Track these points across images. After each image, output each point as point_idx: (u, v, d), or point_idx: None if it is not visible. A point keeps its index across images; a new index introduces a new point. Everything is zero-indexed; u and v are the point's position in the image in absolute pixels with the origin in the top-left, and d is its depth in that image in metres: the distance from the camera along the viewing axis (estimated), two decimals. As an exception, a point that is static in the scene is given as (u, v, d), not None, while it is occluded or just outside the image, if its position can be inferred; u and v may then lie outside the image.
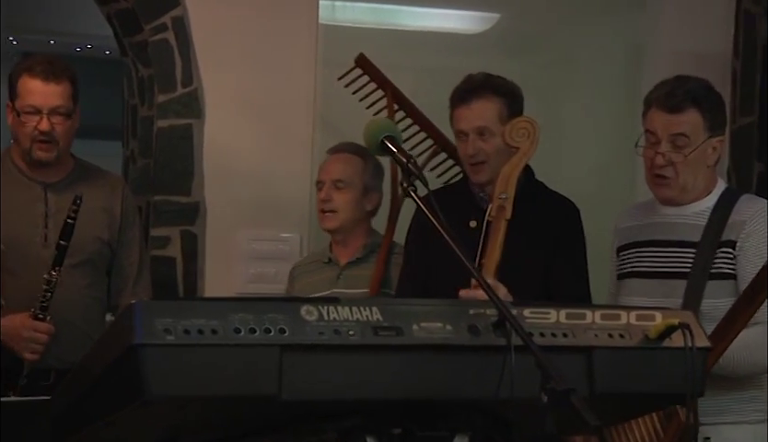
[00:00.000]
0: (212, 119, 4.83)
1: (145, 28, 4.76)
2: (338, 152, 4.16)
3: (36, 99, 3.75)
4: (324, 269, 4.16)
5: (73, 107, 3.82)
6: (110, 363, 2.09)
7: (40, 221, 3.81)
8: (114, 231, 3.94)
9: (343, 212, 4.08)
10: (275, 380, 2.06)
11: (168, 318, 2.01)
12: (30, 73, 3.77)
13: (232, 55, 4.82)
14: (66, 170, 3.91)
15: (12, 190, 3.83)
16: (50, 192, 3.85)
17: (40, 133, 3.75)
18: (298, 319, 2.09)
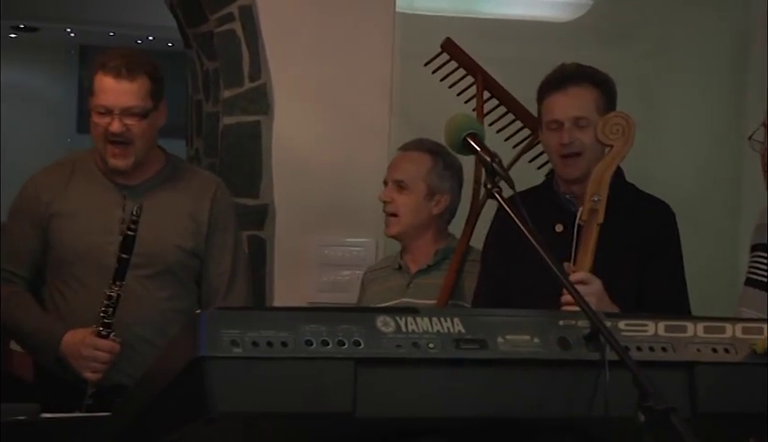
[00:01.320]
0: (281, 115, 4.85)
1: (211, 18, 4.79)
2: (407, 150, 4.15)
3: (107, 99, 3.71)
4: (395, 276, 4.16)
5: (152, 105, 3.75)
6: (174, 377, 2.11)
7: (115, 228, 3.76)
8: (200, 239, 3.86)
9: (404, 216, 4.06)
10: (349, 396, 2.06)
11: (235, 329, 2.02)
12: (104, 69, 3.74)
13: (303, 47, 4.83)
14: (150, 172, 3.87)
15: (92, 194, 3.83)
16: (129, 197, 3.81)
17: (111, 135, 3.71)
18: (374, 330, 2.09)
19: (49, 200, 3.81)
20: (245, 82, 4.81)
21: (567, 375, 2.19)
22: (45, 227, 3.81)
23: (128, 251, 3.59)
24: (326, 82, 4.86)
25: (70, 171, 3.88)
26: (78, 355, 3.64)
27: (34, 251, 3.82)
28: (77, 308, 3.75)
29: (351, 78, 4.85)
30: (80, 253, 3.76)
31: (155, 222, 3.73)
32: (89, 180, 3.85)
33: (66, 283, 3.80)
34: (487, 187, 2.47)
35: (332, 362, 2.05)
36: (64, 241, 3.78)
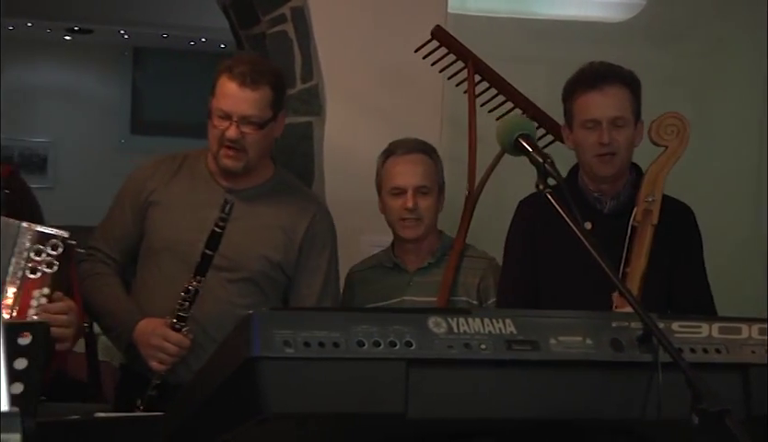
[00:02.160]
0: (333, 116, 4.85)
1: (263, 19, 4.80)
2: (410, 152, 4.13)
3: (227, 104, 3.72)
4: (390, 274, 4.16)
5: (271, 116, 3.77)
6: (227, 377, 2.11)
7: (209, 227, 3.73)
8: (291, 255, 3.87)
9: (427, 218, 4.08)
10: (401, 397, 2.06)
11: (287, 329, 2.02)
12: (230, 73, 3.74)
13: (355, 48, 4.84)
14: (257, 181, 3.90)
15: (194, 191, 3.87)
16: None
17: (227, 140, 3.73)
18: (426, 331, 2.09)
19: (153, 188, 3.87)
20: (297, 83, 4.82)
21: (620, 377, 2.18)
22: (143, 215, 3.86)
23: (213, 248, 3.62)
24: (377, 83, 4.86)
25: (179, 165, 3.92)
26: (148, 344, 3.67)
27: (129, 236, 3.88)
28: (157, 299, 3.78)
29: (402, 80, 4.85)
30: (169, 245, 3.80)
31: (248, 229, 3.76)
32: (195, 176, 3.89)
33: (151, 272, 3.84)
34: (539, 188, 2.46)
35: (384, 363, 2.05)
36: (156, 230, 3.83)
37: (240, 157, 3.77)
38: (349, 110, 4.87)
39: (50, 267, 3.26)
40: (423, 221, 4.06)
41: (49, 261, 3.26)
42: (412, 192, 4.03)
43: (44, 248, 3.25)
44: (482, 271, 4.11)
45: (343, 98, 4.86)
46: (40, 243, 3.25)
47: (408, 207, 4.03)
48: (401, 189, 4.05)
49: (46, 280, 3.26)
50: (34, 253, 3.25)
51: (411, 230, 4.06)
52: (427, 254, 4.13)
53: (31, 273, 3.25)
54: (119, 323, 3.75)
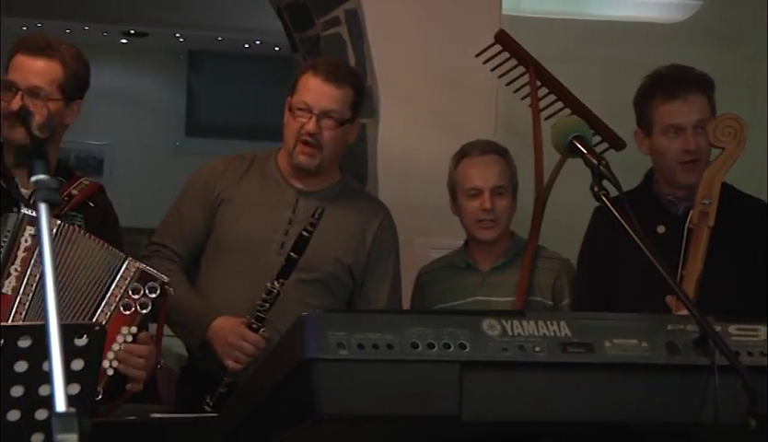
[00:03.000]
0: (387, 118, 4.86)
1: (317, 21, 4.82)
2: (485, 153, 4.12)
3: (309, 97, 3.75)
4: (462, 275, 4.15)
5: (349, 117, 3.81)
6: (281, 379, 2.12)
7: (282, 227, 3.80)
8: (360, 259, 3.89)
9: (503, 219, 4.07)
10: (455, 399, 2.06)
11: (341, 331, 2.03)
12: (315, 70, 3.79)
13: (408, 50, 4.84)
14: (327, 183, 3.91)
15: (266, 191, 3.88)
16: (301, 200, 3.85)
17: (305, 134, 3.76)
18: (480, 333, 2.09)
19: (224, 186, 3.88)
20: (351, 85, 4.83)
21: (676, 380, 2.17)
22: (213, 213, 3.86)
23: (299, 251, 3.63)
24: (431, 85, 4.85)
25: (248, 165, 3.93)
26: (224, 342, 3.67)
27: (198, 234, 3.87)
28: (226, 299, 3.78)
29: (455, 82, 4.84)
30: (241, 245, 3.81)
31: (320, 231, 3.75)
32: (266, 177, 3.90)
33: (220, 270, 3.84)
34: (594, 190, 2.45)
35: (438, 365, 2.05)
36: (227, 230, 3.84)
37: (316, 154, 3.78)
38: (403, 111, 4.86)
39: (143, 308, 3.27)
40: (499, 222, 4.05)
41: (144, 301, 3.27)
42: (488, 193, 4.03)
43: (143, 287, 3.27)
44: (557, 271, 4.10)
45: (397, 100, 4.86)
46: (140, 282, 3.27)
47: (485, 208, 4.03)
48: (478, 190, 4.04)
49: (136, 319, 3.27)
50: (132, 291, 3.27)
51: (488, 232, 4.05)
52: (500, 254, 4.13)
53: (124, 308, 3.26)
54: (192, 320, 3.76)
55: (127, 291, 3.26)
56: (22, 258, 3.19)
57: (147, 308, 3.27)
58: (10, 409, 2.45)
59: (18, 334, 2.45)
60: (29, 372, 2.44)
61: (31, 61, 3.38)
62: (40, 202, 2.00)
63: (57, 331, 1.84)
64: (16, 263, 3.19)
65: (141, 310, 3.27)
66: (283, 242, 3.78)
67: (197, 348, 3.78)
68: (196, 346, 3.78)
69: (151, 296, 3.27)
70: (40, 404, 2.45)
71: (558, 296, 4.08)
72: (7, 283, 3.18)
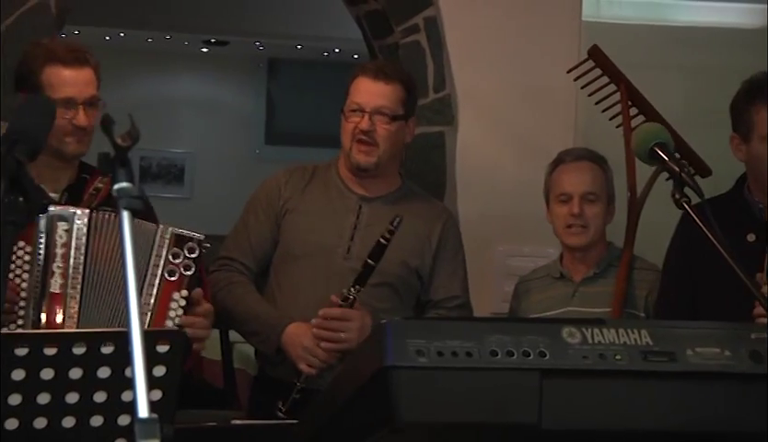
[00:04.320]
0: (465, 126, 4.85)
1: (396, 29, 4.82)
2: (580, 160, 4.11)
3: (361, 97, 3.81)
4: (556, 285, 4.12)
5: (402, 113, 3.85)
6: (360, 386, 2.13)
7: (347, 233, 3.84)
8: (426, 260, 3.91)
9: (593, 226, 4.03)
10: (535, 408, 2.05)
11: (420, 338, 2.03)
12: (364, 72, 3.85)
13: (487, 58, 4.83)
14: (388, 188, 3.95)
15: (329, 198, 3.91)
16: (364, 205, 3.89)
17: (360, 132, 3.79)
18: (560, 341, 2.08)
19: (288, 196, 3.92)
20: (429, 93, 4.83)
21: (759, 389, 2.14)
22: (278, 223, 3.90)
23: (376, 258, 3.65)
24: (510, 93, 4.84)
25: (310, 175, 3.98)
26: (299, 347, 3.70)
27: (265, 246, 3.91)
28: (297, 306, 3.81)
29: (535, 90, 4.82)
30: (308, 252, 3.84)
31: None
32: (328, 185, 3.94)
33: (290, 278, 3.87)
34: (675, 197, 2.43)
35: (518, 373, 2.05)
36: (293, 239, 3.87)
37: (372, 151, 3.81)
38: (481, 120, 4.86)
39: (187, 270, 3.31)
40: (589, 229, 4.02)
41: (186, 263, 3.31)
42: (578, 199, 4.01)
43: (181, 250, 3.30)
44: (650, 283, 4.04)
45: (475, 108, 4.85)
46: (178, 246, 3.30)
47: (574, 213, 4.01)
48: (568, 195, 4.03)
49: (183, 282, 3.31)
50: (172, 256, 3.31)
51: (576, 237, 4.03)
52: (593, 264, 4.09)
53: (169, 275, 3.30)
54: (267, 327, 3.79)
55: (168, 258, 3.30)
56: (61, 254, 3.23)
57: (191, 269, 3.30)
58: (94, 414, 2.48)
59: (102, 341, 2.48)
60: (112, 378, 2.47)
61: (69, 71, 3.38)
62: (123, 209, 2.02)
63: (140, 337, 1.86)
64: (57, 261, 3.23)
65: (185, 273, 3.30)
66: (348, 247, 3.82)
67: (272, 355, 3.80)
68: (271, 353, 3.80)
69: (192, 257, 3.30)
70: (122, 410, 2.48)
71: (650, 308, 4.02)
72: (53, 282, 3.22)
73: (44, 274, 3.21)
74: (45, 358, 2.43)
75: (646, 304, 4.03)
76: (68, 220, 3.23)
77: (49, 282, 3.21)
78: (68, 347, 2.45)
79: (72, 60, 3.37)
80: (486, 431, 2.12)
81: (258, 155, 11.20)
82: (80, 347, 2.46)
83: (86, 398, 2.47)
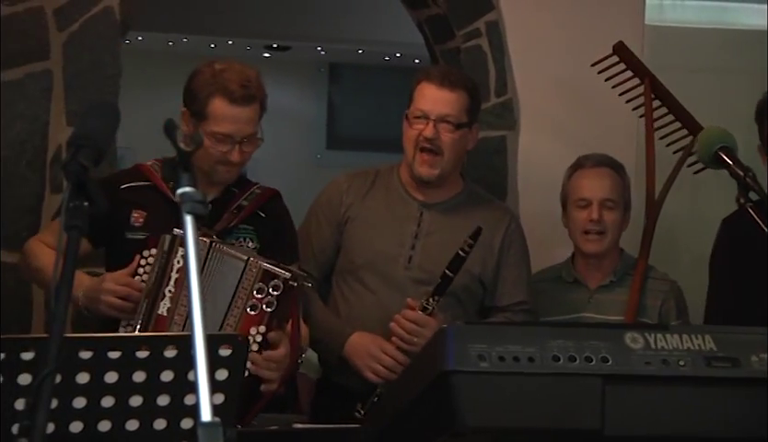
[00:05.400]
0: (527, 131, 4.84)
1: (458, 34, 4.82)
2: (597, 166, 4.09)
3: (425, 104, 3.78)
4: (570, 290, 4.12)
5: (466, 121, 3.82)
6: (421, 391, 2.13)
7: (407, 241, 3.83)
8: (489, 267, 3.89)
9: (610, 233, 4.03)
10: (597, 413, 2.05)
11: (482, 343, 2.03)
12: (428, 78, 3.82)
13: (549, 62, 4.81)
14: (450, 193, 3.93)
15: (390, 205, 3.90)
16: (426, 213, 3.87)
17: (423, 140, 3.77)
18: (622, 347, 2.07)
19: (349, 203, 3.91)
20: (491, 97, 4.82)
21: (825, 396, 2.12)
22: (341, 230, 3.90)
23: (455, 270, 3.64)
24: (572, 97, 4.82)
25: (372, 181, 3.96)
26: (364, 355, 3.70)
27: (327, 253, 3.91)
28: (360, 313, 3.82)
29: (597, 94, 4.79)
30: (370, 260, 3.84)
31: (447, 243, 3.77)
32: (390, 191, 3.93)
33: (351, 287, 3.88)
34: (740, 202, 2.41)
35: (580, 378, 2.05)
36: (356, 246, 3.87)
37: (436, 162, 3.79)
38: (542, 124, 4.84)
39: (269, 306, 3.30)
40: (606, 235, 4.02)
41: (269, 300, 3.30)
42: (597, 205, 4.01)
43: (266, 286, 3.30)
44: (664, 294, 4.07)
45: (537, 113, 4.83)
46: (263, 281, 3.30)
47: (593, 219, 4.00)
48: (587, 201, 4.03)
49: (263, 318, 3.30)
50: (256, 291, 3.30)
51: (593, 244, 4.02)
52: (609, 272, 4.10)
53: (251, 309, 3.30)
54: (330, 337, 3.79)
55: (252, 292, 3.29)
56: (175, 279, 3.26)
57: (273, 306, 3.29)
58: (157, 418, 2.50)
59: (164, 344, 2.50)
60: (175, 381, 2.49)
61: (235, 110, 3.44)
62: (186, 214, 2.03)
63: (203, 341, 1.87)
64: (170, 285, 3.26)
65: (266, 309, 3.29)
66: (410, 256, 3.81)
67: (335, 363, 3.81)
68: (334, 361, 3.80)
69: (275, 294, 3.29)
70: (185, 413, 2.50)
71: (665, 318, 4.04)
72: (162, 304, 3.26)
73: (155, 295, 3.26)
74: (109, 361, 2.45)
75: (660, 314, 4.04)
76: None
77: (158, 303, 3.26)
78: (132, 351, 2.47)
79: (240, 98, 3.41)
80: (548, 436, 2.11)
81: (319, 159, 11.22)
82: (143, 351, 2.48)
83: (149, 401, 2.48)
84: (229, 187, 3.55)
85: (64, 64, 4.28)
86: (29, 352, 2.42)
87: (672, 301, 4.06)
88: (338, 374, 3.82)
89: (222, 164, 3.43)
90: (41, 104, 4.26)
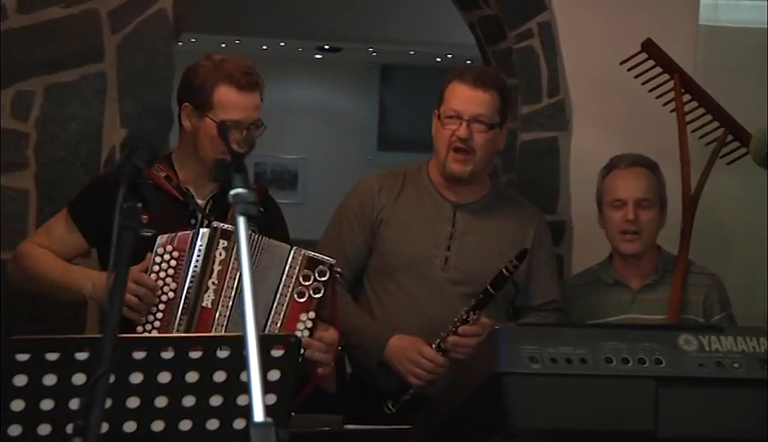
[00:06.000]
0: (579, 132, 4.82)
1: (510, 35, 4.81)
2: (634, 165, 4.07)
3: (459, 104, 3.80)
4: (611, 291, 4.09)
5: (498, 120, 3.82)
6: (473, 392, 2.13)
7: (443, 242, 3.83)
8: (522, 268, 3.84)
9: (647, 233, 4.01)
10: (651, 416, 2.03)
11: (534, 345, 2.02)
12: (460, 78, 3.84)
13: (602, 63, 4.78)
14: (481, 193, 3.93)
15: (422, 207, 3.90)
16: (459, 213, 3.88)
17: (456, 140, 3.79)
18: (676, 348, 2.06)
19: (381, 206, 3.91)
20: (543, 98, 4.81)
21: None
22: (373, 233, 3.90)
23: (498, 288, 3.67)
24: (624, 98, 4.78)
25: (402, 181, 3.97)
26: (404, 359, 3.71)
27: (359, 255, 3.90)
28: (396, 315, 3.82)
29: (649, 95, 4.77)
30: (406, 263, 3.84)
31: (480, 244, 3.80)
32: (421, 192, 3.93)
33: (387, 289, 3.87)
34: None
35: (633, 380, 2.03)
36: (391, 249, 3.87)
37: (468, 160, 3.80)
38: (595, 125, 4.81)
39: (316, 292, 3.34)
40: (642, 235, 4.00)
41: (316, 286, 3.34)
42: (632, 205, 3.99)
43: (312, 273, 3.34)
44: (707, 288, 4.06)
45: (589, 114, 4.81)
46: (309, 268, 3.34)
47: (628, 219, 3.99)
48: (623, 201, 4.01)
49: (312, 304, 3.35)
50: (303, 278, 3.34)
51: (630, 244, 4.01)
52: (650, 271, 4.08)
53: (299, 296, 3.34)
54: (369, 341, 3.79)
55: (298, 279, 3.34)
56: (218, 271, 3.29)
57: (320, 292, 3.34)
58: (209, 418, 2.51)
59: (217, 345, 2.51)
60: (228, 382, 2.50)
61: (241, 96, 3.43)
62: (239, 215, 2.04)
63: (256, 341, 1.88)
64: (213, 277, 3.29)
65: (314, 295, 3.34)
66: (446, 258, 3.81)
67: (373, 368, 3.81)
68: (373, 366, 3.80)
69: (322, 280, 3.34)
70: (238, 414, 2.51)
71: (709, 312, 4.03)
72: (206, 297, 3.29)
73: (198, 288, 3.28)
74: (162, 362, 2.47)
75: (704, 308, 4.03)
76: (230, 239, 3.29)
77: (202, 296, 3.29)
78: (185, 351, 2.48)
79: (246, 84, 3.42)
80: (600, 438, 2.10)
81: (370, 161, 11.24)
82: (196, 351, 2.49)
83: (202, 401, 2.50)
84: (223, 185, 3.55)
85: (118, 66, 4.31)
86: (84, 352, 2.44)
87: (716, 295, 4.05)
88: (373, 375, 3.82)
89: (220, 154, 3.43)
90: (96, 106, 4.30)
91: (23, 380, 2.43)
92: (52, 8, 4.27)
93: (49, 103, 4.28)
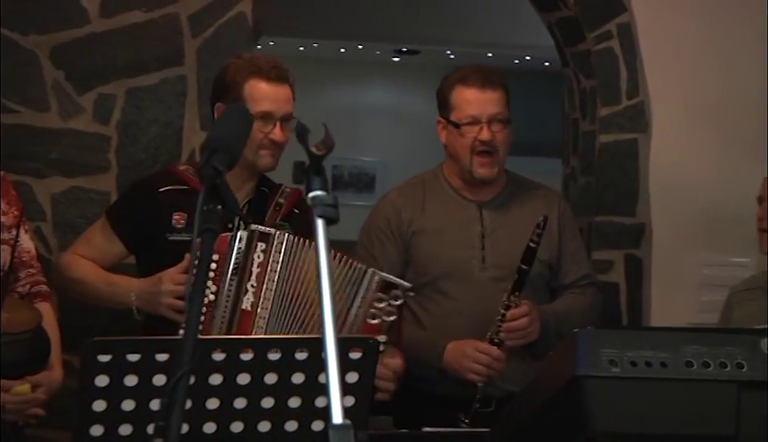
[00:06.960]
0: (659, 133, 4.78)
1: (589, 36, 4.79)
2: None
3: (474, 109, 3.80)
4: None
5: (509, 114, 3.86)
6: (552, 395, 2.12)
7: (476, 242, 3.85)
8: (552, 248, 3.90)
9: None
10: (732, 420, 2.01)
11: (613, 348, 2.01)
12: (464, 82, 3.85)
13: (681, 63, 4.75)
14: (500, 186, 3.95)
15: (448, 210, 3.91)
16: (485, 211, 3.89)
17: (480, 144, 3.79)
18: (758, 353, 2.04)
19: (410, 218, 3.91)
20: (622, 100, 4.78)
21: None
22: (406, 247, 3.90)
23: (528, 263, 3.66)
24: (704, 99, 4.75)
25: (422, 190, 3.98)
26: (462, 358, 3.72)
27: (396, 270, 3.82)
28: (444, 321, 3.82)
29: (728, 95, 4.73)
30: (446, 269, 3.84)
31: (511, 236, 3.80)
32: (443, 197, 3.94)
33: (431, 298, 3.87)
34: None
35: (714, 384, 2.01)
36: (428, 259, 3.87)
37: (493, 162, 3.81)
38: (675, 126, 4.78)
39: (389, 316, 3.32)
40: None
41: (389, 310, 3.32)
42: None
43: (386, 296, 3.32)
44: None
45: (670, 116, 4.77)
46: (383, 291, 3.32)
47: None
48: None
49: (383, 328, 3.32)
50: (376, 300, 3.32)
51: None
52: None
53: (371, 318, 3.31)
54: (425, 352, 3.78)
55: (372, 301, 3.31)
56: (257, 274, 3.27)
57: (393, 316, 3.31)
58: (288, 419, 2.52)
59: (296, 347, 2.52)
60: (306, 384, 2.51)
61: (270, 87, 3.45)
62: (318, 217, 2.05)
63: (334, 344, 1.88)
64: (251, 280, 3.27)
65: (387, 319, 3.31)
66: (483, 257, 3.81)
67: (435, 376, 3.80)
68: (434, 375, 3.79)
69: (395, 304, 3.31)
70: (316, 416, 2.52)
71: None
72: (246, 299, 3.27)
73: (238, 290, 3.27)
74: (242, 363, 2.48)
75: None
76: (268, 241, 3.29)
77: (242, 298, 3.27)
78: (264, 353, 2.49)
79: (274, 77, 3.43)
80: (680, 443, 2.08)
81: (447, 163, 11.25)
82: (275, 353, 2.50)
83: (280, 403, 2.51)
84: (258, 187, 3.56)
85: (198, 69, 4.35)
86: (164, 353, 2.46)
87: None
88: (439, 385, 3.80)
89: (264, 147, 3.43)
90: (176, 109, 4.35)
91: (105, 381, 2.46)
92: (133, 12, 4.32)
93: (130, 106, 4.34)
